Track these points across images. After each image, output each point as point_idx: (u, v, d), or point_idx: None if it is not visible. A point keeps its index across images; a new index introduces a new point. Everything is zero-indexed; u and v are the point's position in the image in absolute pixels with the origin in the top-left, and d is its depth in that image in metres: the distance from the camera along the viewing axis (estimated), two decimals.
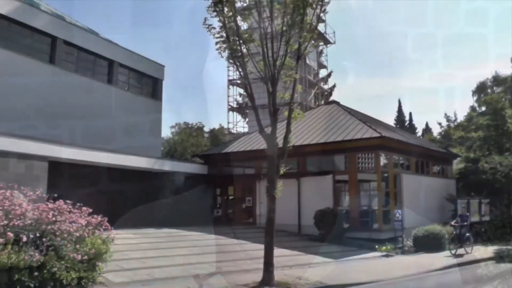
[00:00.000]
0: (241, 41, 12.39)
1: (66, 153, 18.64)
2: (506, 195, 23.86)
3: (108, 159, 20.81)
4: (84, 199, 11.27)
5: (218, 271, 13.15)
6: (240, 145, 27.23)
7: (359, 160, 23.22)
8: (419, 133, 57.73)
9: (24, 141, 16.89)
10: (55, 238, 9.52)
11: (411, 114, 61.94)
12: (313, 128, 25.44)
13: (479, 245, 20.32)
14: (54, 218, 9.85)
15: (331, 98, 44.03)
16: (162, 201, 24.44)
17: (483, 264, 16.28)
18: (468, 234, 18.95)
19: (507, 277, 13.90)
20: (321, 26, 38.63)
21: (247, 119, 43.10)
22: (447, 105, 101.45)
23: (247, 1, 13.49)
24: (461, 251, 18.33)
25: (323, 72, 47.04)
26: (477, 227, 22.30)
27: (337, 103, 29.89)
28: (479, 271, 14.71)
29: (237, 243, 18.43)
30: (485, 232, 22.89)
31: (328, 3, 13.06)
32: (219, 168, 27.30)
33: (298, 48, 12.57)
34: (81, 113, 24.57)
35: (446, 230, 19.76)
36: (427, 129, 58.19)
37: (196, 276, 12.24)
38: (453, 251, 18.14)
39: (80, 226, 10.13)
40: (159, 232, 19.69)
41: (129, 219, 20.46)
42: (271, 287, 11.34)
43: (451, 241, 18.80)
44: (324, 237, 20.62)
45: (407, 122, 61.07)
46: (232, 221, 25.37)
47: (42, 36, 23.77)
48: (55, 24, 24.48)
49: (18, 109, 21.20)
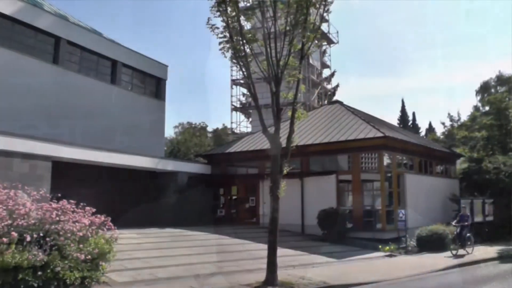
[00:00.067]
0: (244, 41, 12.38)
1: (70, 153, 18.69)
2: (509, 195, 23.74)
3: (111, 159, 20.82)
4: (88, 198, 11.30)
5: (221, 271, 13.15)
6: (243, 145, 27.23)
7: (363, 160, 23.21)
8: (423, 133, 57.65)
9: (28, 141, 16.94)
10: (58, 238, 9.54)
11: (414, 114, 61.99)
12: (316, 128, 25.42)
13: (481, 245, 20.24)
14: (57, 218, 9.87)
15: (335, 97, 44.09)
16: (165, 201, 24.51)
17: (483, 264, 16.23)
18: (468, 235, 18.75)
19: (507, 277, 13.85)
20: (324, 26, 38.60)
21: (250, 119, 43.09)
22: (451, 104, 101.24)
23: (250, 1, 13.45)
24: (462, 251, 18.18)
25: (326, 72, 47.05)
26: (477, 227, 22.22)
27: (341, 102, 29.88)
28: (478, 272, 14.66)
29: (240, 243, 18.43)
30: (488, 232, 22.83)
31: (332, 3, 13.01)
32: (223, 168, 27.33)
33: (301, 48, 12.57)
34: (84, 113, 24.64)
35: (450, 230, 19.63)
36: (431, 129, 58.17)
37: (199, 276, 12.24)
38: (454, 252, 18.00)
39: (83, 226, 10.14)
40: (162, 232, 19.68)
41: (133, 219, 20.53)
42: (275, 287, 11.32)
43: (451, 241, 18.70)
44: (327, 237, 20.64)
45: (411, 122, 61.03)
46: (235, 221, 25.37)
47: (45, 36, 23.84)
48: (58, 24, 24.54)
49: (21, 109, 21.26)
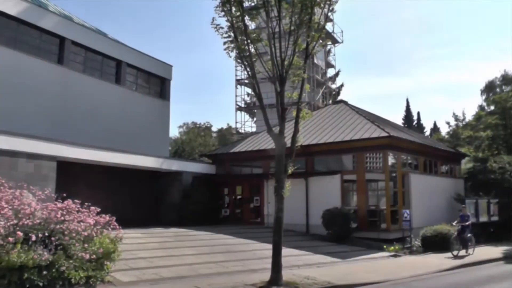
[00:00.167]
0: (249, 40, 12.36)
1: (75, 152, 18.76)
2: None
3: (116, 159, 20.87)
4: (92, 198, 11.35)
5: (226, 271, 13.16)
6: (248, 145, 27.23)
7: (367, 160, 23.12)
8: (427, 133, 57.54)
9: (33, 141, 17.03)
10: (63, 237, 9.59)
11: (419, 114, 61.92)
12: (321, 128, 25.39)
13: (486, 246, 20.13)
14: (62, 218, 9.92)
15: (339, 97, 44.07)
16: (170, 200, 24.58)
17: (483, 265, 16.12)
18: (469, 235, 18.45)
19: (506, 277, 13.81)
20: (329, 26, 38.55)
21: (255, 119, 43.11)
22: (455, 104, 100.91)
23: (255, 1, 13.42)
24: (463, 252, 17.94)
25: (331, 72, 47.01)
26: (482, 227, 22.10)
27: (345, 102, 29.84)
28: (477, 273, 14.57)
29: (244, 242, 18.43)
30: (493, 232, 22.69)
31: (336, 2, 12.99)
32: (227, 167, 27.35)
33: (306, 47, 12.53)
34: (89, 113, 24.75)
35: (454, 230, 19.53)
36: (435, 129, 58.02)
37: (204, 276, 12.25)
38: (455, 252, 17.76)
39: (88, 226, 10.19)
40: (167, 231, 19.71)
41: (137, 218, 20.60)
42: (279, 286, 11.30)
43: (451, 242, 18.27)
44: (332, 236, 20.61)
45: (415, 121, 60.92)
46: (240, 221, 25.37)
47: (50, 36, 23.96)
48: (63, 25, 24.65)
49: (26, 109, 21.38)
